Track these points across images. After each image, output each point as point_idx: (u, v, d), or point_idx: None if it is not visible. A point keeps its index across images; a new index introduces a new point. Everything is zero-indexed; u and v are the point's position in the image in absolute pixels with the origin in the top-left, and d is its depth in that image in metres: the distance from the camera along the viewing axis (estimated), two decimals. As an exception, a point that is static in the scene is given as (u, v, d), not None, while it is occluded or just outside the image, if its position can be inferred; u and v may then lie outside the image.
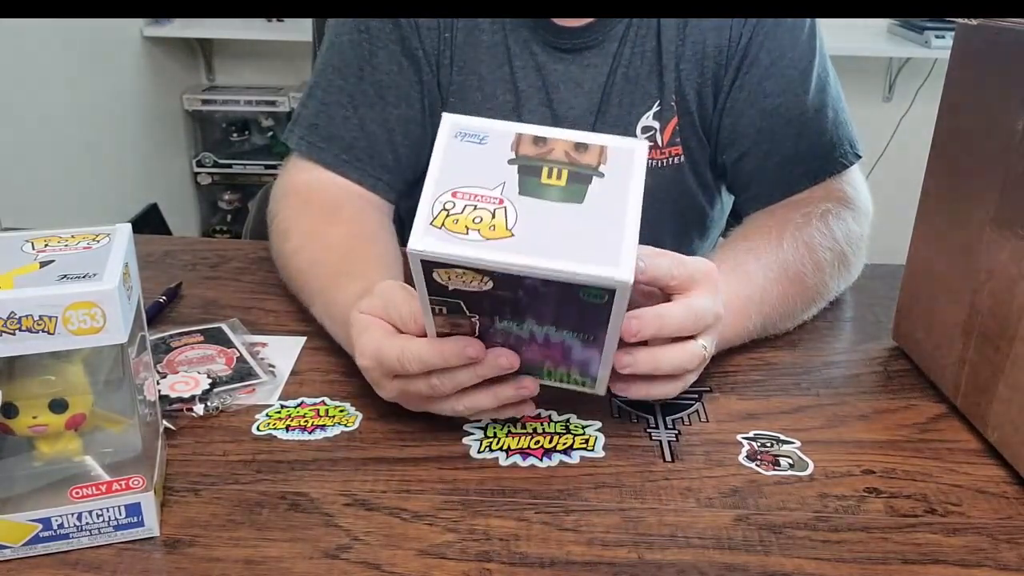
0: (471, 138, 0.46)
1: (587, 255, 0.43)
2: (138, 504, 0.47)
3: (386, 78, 0.82)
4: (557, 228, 0.44)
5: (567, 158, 0.46)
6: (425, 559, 0.47)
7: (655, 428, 0.59)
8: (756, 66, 0.80)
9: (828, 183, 0.80)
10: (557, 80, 0.83)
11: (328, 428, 0.58)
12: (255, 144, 2.74)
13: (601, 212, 0.45)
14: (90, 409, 0.46)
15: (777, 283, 0.68)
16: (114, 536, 0.47)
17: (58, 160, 2.00)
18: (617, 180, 0.45)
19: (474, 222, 0.44)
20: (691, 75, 0.82)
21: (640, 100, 0.83)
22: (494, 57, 0.83)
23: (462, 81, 0.84)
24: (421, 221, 0.44)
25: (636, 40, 0.82)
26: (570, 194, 0.45)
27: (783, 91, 0.80)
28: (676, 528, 0.49)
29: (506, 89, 0.84)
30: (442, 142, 0.46)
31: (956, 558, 0.48)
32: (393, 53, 0.82)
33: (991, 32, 0.58)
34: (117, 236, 0.47)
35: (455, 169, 0.46)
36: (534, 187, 0.45)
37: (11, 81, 1.84)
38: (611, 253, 0.44)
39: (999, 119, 0.56)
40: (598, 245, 0.44)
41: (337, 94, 0.82)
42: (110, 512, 0.46)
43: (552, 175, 0.45)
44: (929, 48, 2.44)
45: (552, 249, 0.43)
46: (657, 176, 0.86)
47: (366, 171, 0.82)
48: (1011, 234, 0.55)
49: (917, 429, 0.59)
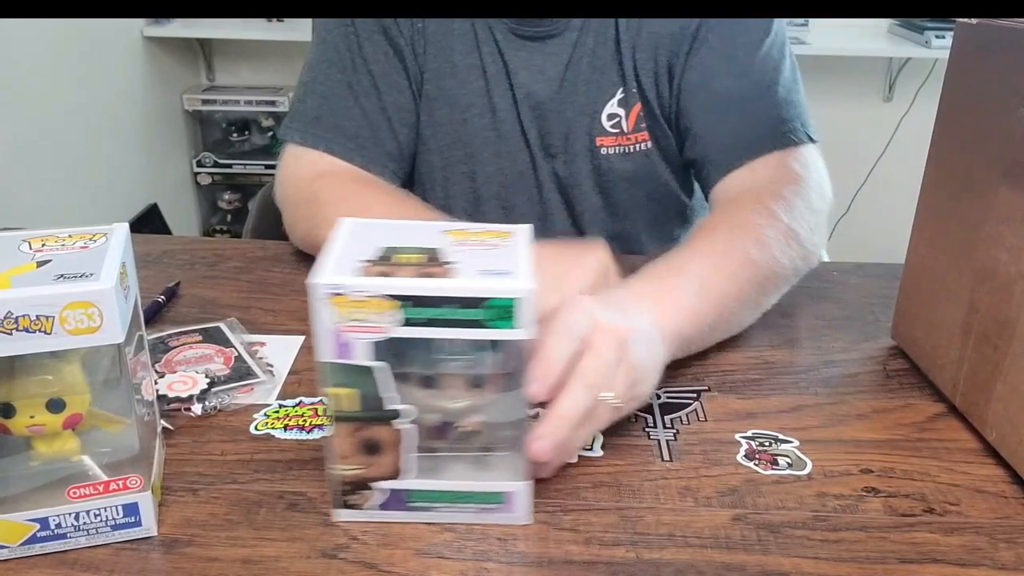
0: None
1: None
2: (135, 504, 0.47)
3: (376, 67, 0.84)
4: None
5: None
6: (423, 558, 0.47)
7: (653, 427, 0.59)
8: (706, 47, 0.81)
9: (775, 160, 0.79)
10: (518, 66, 0.85)
11: (327, 427, 0.58)
12: (255, 144, 2.74)
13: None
14: (88, 409, 0.46)
15: (718, 270, 0.66)
16: (111, 536, 0.47)
17: (58, 160, 2.00)
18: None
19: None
20: (647, 63, 0.83)
21: (605, 87, 0.85)
22: (464, 44, 0.85)
23: (436, 68, 0.85)
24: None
25: (598, 28, 0.83)
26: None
27: (730, 70, 0.81)
28: (674, 527, 0.49)
29: (477, 75, 0.85)
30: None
31: (954, 557, 0.47)
32: (379, 43, 0.84)
33: (991, 32, 0.58)
34: (114, 236, 0.47)
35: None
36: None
37: (11, 81, 1.84)
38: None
39: (999, 118, 0.56)
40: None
41: (337, 86, 0.84)
42: (107, 512, 0.46)
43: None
44: (929, 48, 2.44)
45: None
46: (626, 162, 0.88)
47: (374, 159, 0.84)
48: (1010, 233, 0.55)
49: (916, 428, 0.59)
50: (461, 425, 0.48)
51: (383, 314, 0.43)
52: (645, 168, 0.88)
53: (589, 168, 0.88)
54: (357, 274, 0.44)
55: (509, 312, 0.43)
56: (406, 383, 0.46)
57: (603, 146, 0.87)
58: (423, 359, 0.46)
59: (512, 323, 0.44)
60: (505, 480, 0.49)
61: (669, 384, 0.64)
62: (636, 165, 0.88)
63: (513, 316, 0.43)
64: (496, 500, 0.49)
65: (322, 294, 0.43)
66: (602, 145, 0.87)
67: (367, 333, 0.44)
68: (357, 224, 0.50)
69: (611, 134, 0.87)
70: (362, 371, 0.45)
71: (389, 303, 0.43)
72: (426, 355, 0.46)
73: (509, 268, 0.45)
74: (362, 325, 0.44)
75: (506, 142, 0.88)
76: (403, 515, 0.49)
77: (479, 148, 0.88)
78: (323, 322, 0.44)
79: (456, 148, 0.88)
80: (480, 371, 0.46)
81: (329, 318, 0.44)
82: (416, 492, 0.48)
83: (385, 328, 0.44)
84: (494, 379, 0.47)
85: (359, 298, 0.43)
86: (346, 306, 0.43)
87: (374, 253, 0.46)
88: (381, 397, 0.46)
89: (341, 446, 0.47)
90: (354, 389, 0.46)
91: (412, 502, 0.49)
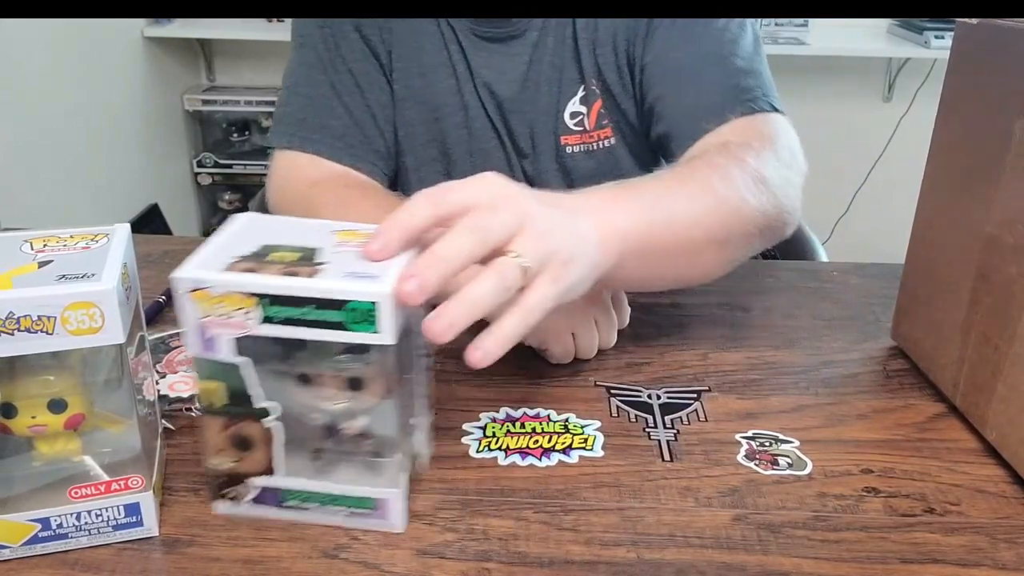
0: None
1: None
2: (137, 504, 0.47)
3: (356, 66, 0.85)
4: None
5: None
6: (424, 559, 0.47)
7: (654, 428, 0.59)
8: (663, 26, 0.80)
9: (740, 124, 0.75)
10: (480, 66, 0.85)
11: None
12: (255, 144, 2.74)
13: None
14: (89, 409, 0.46)
15: (675, 191, 0.61)
16: (113, 536, 0.47)
17: (58, 160, 2.00)
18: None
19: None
20: (608, 57, 0.83)
21: (567, 86, 0.85)
22: (433, 43, 0.85)
23: (403, 68, 0.86)
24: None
25: (556, 28, 0.84)
26: None
27: (685, 42, 0.79)
28: (675, 527, 0.49)
29: (447, 73, 0.86)
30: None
31: (954, 557, 0.48)
32: (354, 42, 0.84)
33: (991, 32, 0.58)
34: (116, 236, 0.47)
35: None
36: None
37: (11, 81, 1.84)
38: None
39: (999, 119, 0.56)
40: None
41: (320, 87, 0.84)
42: (109, 512, 0.46)
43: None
44: (929, 48, 2.44)
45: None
46: (589, 160, 0.88)
47: (363, 157, 0.84)
48: (1010, 234, 0.55)
49: (916, 428, 0.59)
50: (344, 428, 0.47)
51: (243, 311, 0.43)
52: (609, 164, 0.88)
53: (556, 167, 0.88)
54: (225, 269, 0.43)
55: (370, 316, 0.42)
56: (282, 380, 0.46)
57: (568, 144, 0.87)
58: (300, 358, 0.46)
59: (374, 327, 0.42)
60: (373, 486, 0.48)
61: (669, 384, 0.64)
62: (599, 162, 0.88)
63: (375, 320, 0.42)
64: (368, 505, 0.48)
65: (183, 288, 0.43)
66: (567, 144, 0.87)
67: (228, 329, 0.44)
68: (251, 219, 0.50)
69: (575, 132, 0.87)
70: (229, 366, 0.45)
71: (249, 300, 0.43)
72: (302, 354, 0.45)
73: (378, 272, 0.43)
74: (224, 320, 0.43)
75: (479, 140, 0.88)
76: (277, 512, 0.49)
77: (453, 146, 0.88)
78: (187, 316, 0.44)
79: (430, 147, 0.88)
80: (355, 374, 0.46)
81: (192, 312, 0.43)
82: (288, 491, 0.48)
83: (245, 325, 0.43)
84: (373, 383, 0.46)
85: (219, 294, 0.43)
86: (208, 301, 0.43)
87: (250, 249, 0.46)
88: (249, 394, 0.46)
89: (212, 440, 0.47)
90: (221, 383, 0.45)
91: (285, 501, 0.49)
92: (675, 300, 0.78)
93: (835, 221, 2.87)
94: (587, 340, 0.66)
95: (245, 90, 2.67)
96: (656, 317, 0.74)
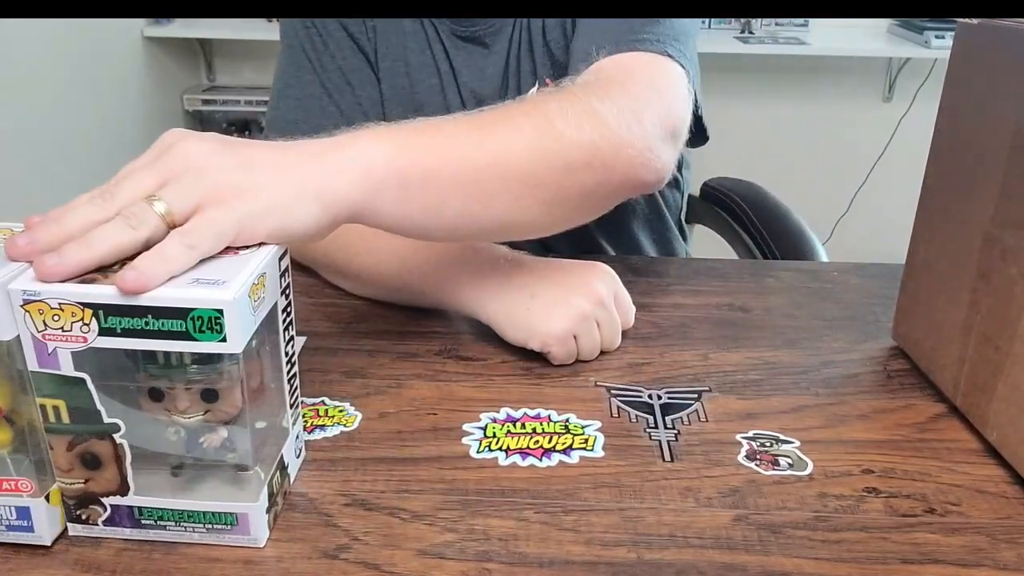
0: None
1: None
2: (27, 508, 0.45)
3: (345, 63, 0.85)
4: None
5: None
6: (424, 559, 0.47)
7: (654, 428, 0.59)
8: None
9: (618, 58, 0.71)
10: (462, 66, 0.86)
11: (327, 428, 0.58)
12: (255, 144, 2.74)
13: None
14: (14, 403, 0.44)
15: (472, 118, 0.58)
16: (7, 536, 0.46)
17: (58, 160, 2.00)
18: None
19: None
20: (560, 43, 0.83)
21: (542, 83, 0.85)
22: (417, 42, 0.85)
23: (388, 67, 0.86)
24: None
25: (529, 26, 0.84)
26: None
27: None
28: (675, 528, 0.49)
29: (431, 72, 0.86)
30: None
31: (955, 558, 0.48)
32: (341, 40, 0.85)
33: (991, 32, 0.58)
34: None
35: None
36: None
37: (11, 81, 1.84)
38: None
39: (999, 119, 0.56)
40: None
41: (310, 87, 0.84)
42: (3, 510, 0.45)
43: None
44: (929, 48, 2.44)
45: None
46: None
47: None
48: (1011, 234, 0.55)
49: (916, 429, 0.59)
50: (203, 441, 0.46)
51: (81, 323, 0.41)
52: None
53: None
54: (66, 280, 0.42)
55: (216, 324, 0.41)
56: (133, 395, 0.44)
57: None
58: (152, 370, 0.44)
59: (220, 335, 0.41)
60: (235, 501, 0.46)
61: (670, 384, 0.64)
62: None
63: (221, 328, 0.41)
64: (228, 521, 0.46)
65: (18, 300, 0.41)
66: None
67: (66, 342, 0.42)
68: None
69: None
70: (71, 381, 0.43)
71: (86, 312, 0.41)
72: (153, 367, 0.43)
73: (226, 278, 0.42)
74: (62, 334, 0.42)
75: None
76: (134, 532, 0.47)
77: None
78: (24, 330, 0.42)
79: None
80: (208, 385, 0.44)
81: (30, 326, 0.42)
82: (143, 509, 0.46)
83: (84, 338, 0.42)
84: (228, 393, 0.44)
85: (56, 305, 0.41)
86: (45, 313, 0.41)
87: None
88: (97, 409, 0.43)
89: (58, 459, 0.45)
90: (61, 400, 0.43)
91: (143, 519, 0.47)
92: (675, 300, 0.78)
93: (835, 221, 2.87)
94: (589, 342, 0.66)
95: (245, 90, 2.67)
96: (656, 317, 0.74)
